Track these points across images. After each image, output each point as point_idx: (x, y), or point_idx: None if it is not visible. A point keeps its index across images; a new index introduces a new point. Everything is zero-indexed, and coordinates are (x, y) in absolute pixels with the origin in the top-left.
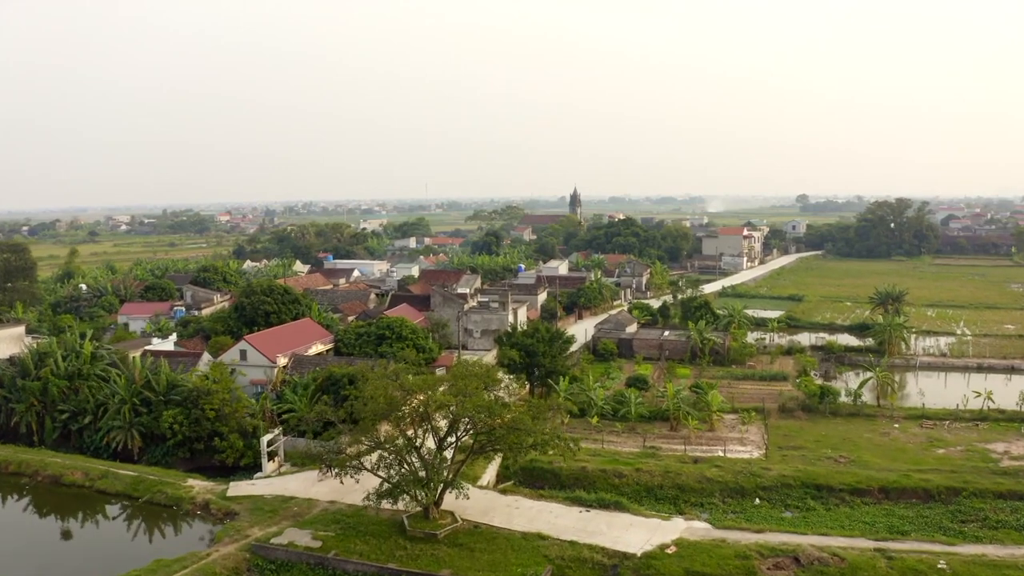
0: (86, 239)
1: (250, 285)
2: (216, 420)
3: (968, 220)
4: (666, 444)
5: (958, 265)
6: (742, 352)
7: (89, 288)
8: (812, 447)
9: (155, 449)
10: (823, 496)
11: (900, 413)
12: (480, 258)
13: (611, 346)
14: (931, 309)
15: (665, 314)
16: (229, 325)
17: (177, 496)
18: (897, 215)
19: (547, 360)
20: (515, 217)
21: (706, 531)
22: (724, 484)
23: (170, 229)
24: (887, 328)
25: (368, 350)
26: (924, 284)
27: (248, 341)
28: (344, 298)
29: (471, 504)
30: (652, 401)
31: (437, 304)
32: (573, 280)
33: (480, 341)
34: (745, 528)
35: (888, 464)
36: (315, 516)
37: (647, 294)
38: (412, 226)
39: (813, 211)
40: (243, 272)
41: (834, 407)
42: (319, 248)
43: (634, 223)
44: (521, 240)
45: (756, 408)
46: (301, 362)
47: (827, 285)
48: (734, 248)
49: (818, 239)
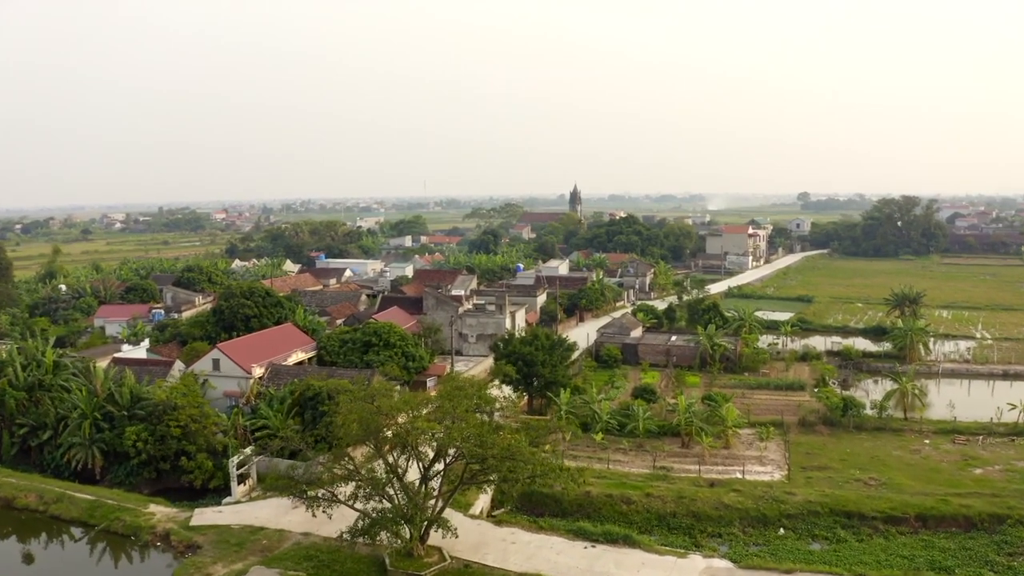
0: (79, 237)
1: (230, 287)
2: (182, 438)
3: (974, 218)
4: (678, 464)
5: (968, 265)
6: (755, 359)
7: (68, 289)
8: (838, 467)
9: (118, 468)
10: (854, 525)
11: (929, 427)
12: (477, 257)
13: (615, 352)
14: (946, 311)
15: (671, 317)
16: (207, 330)
17: (136, 524)
18: (905, 213)
19: (547, 370)
20: (514, 215)
21: (729, 572)
22: (744, 512)
23: (165, 227)
24: (908, 333)
25: (353, 358)
26: (935, 284)
27: (221, 350)
28: (333, 300)
29: (461, 538)
30: (661, 414)
31: (430, 307)
32: (574, 280)
33: (476, 346)
34: (772, 568)
35: (923, 487)
36: (286, 551)
37: (651, 295)
38: (408, 224)
39: (815, 209)
40: (231, 272)
41: (858, 421)
42: (312, 247)
43: (636, 221)
44: (520, 239)
45: (774, 422)
46: (279, 373)
47: (836, 285)
48: (739, 247)
49: (823, 238)
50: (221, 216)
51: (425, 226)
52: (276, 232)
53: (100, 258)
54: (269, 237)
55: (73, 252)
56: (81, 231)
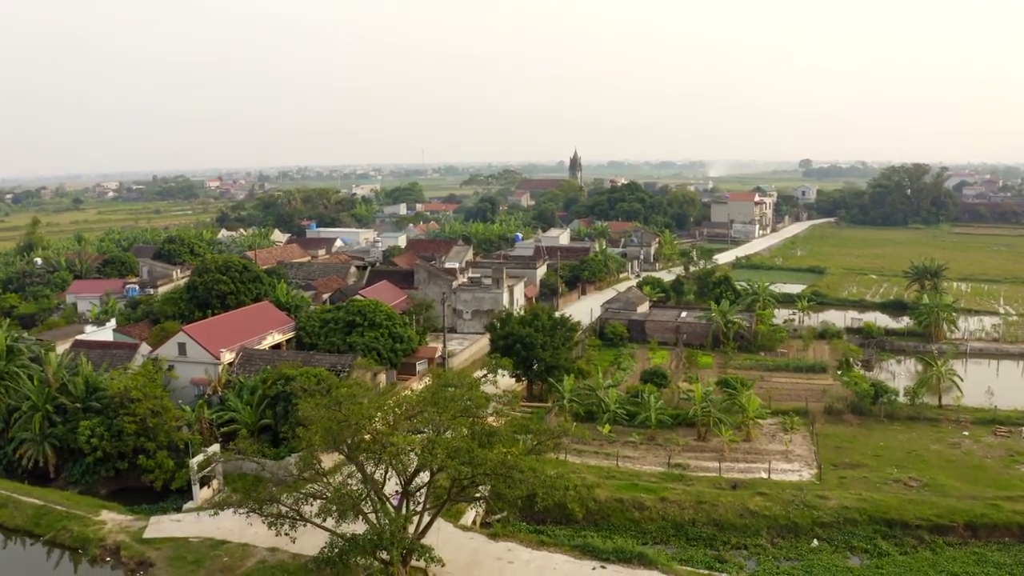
0: (70, 207)
1: (204, 261)
2: (141, 434)
3: (982, 187)
4: (695, 460)
5: (979, 234)
6: (771, 337)
7: (44, 262)
8: (872, 464)
9: (73, 467)
10: (896, 535)
11: (967, 416)
12: (474, 226)
13: (621, 329)
14: (964, 284)
15: (679, 290)
16: (180, 308)
17: (84, 536)
18: (914, 181)
19: (547, 354)
20: (512, 182)
21: None
22: (773, 519)
23: (158, 196)
24: (933, 310)
25: (335, 340)
26: (949, 255)
27: (187, 332)
28: (321, 272)
29: (451, 554)
30: (673, 400)
31: (422, 281)
32: (575, 251)
33: (471, 323)
34: None
35: (968, 488)
36: (248, 571)
37: (655, 266)
38: (404, 191)
39: (817, 176)
40: (217, 242)
41: (890, 409)
42: (305, 215)
43: (639, 188)
44: (519, 206)
45: (797, 410)
46: (251, 358)
47: (846, 255)
48: (745, 215)
49: (830, 206)
50: (215, 184)
51: (421, 193)
52: (268, 200)
53: (88, 228)
54: (261, 205)
55: (62, 222)
56: (72, 200)
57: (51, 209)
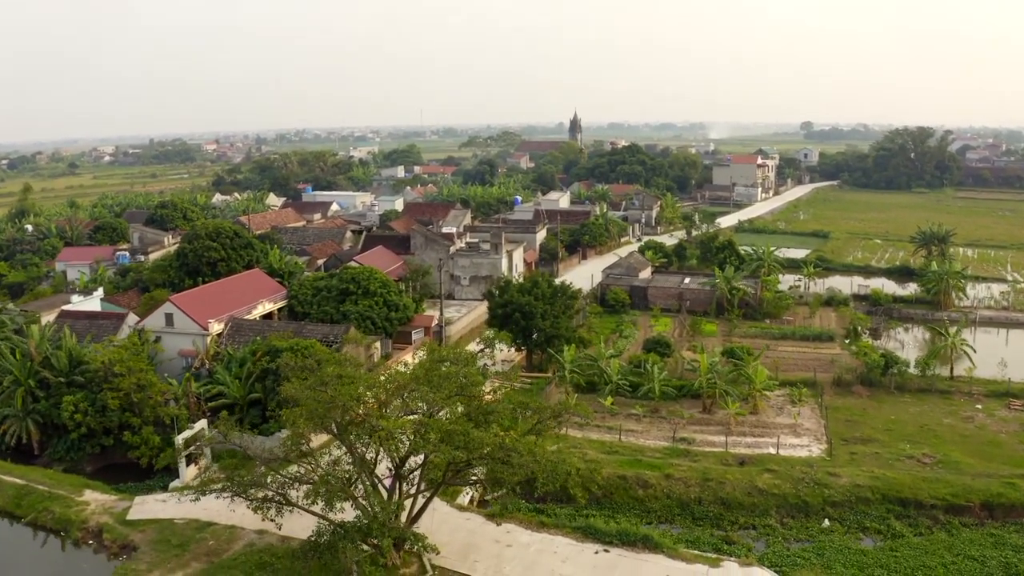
0: (65, 172)
1: (194, 227)
2: (126, 409)
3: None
4: (700, 434)
5: (984, 199)
6: (777, 304)
7: (35, 229)
8: (884, 439)
9: (58, 443)
10: (911, 515)
11: (979, 388)
12: (472, 189)
13: (622, 295)
14: (971, 249)
15: (681, 255)
16: (169, 275)
17: (66, 518)
18: (918, 144)
19: (547, 323)
20: (512, 144)
21: None
22: (782, 498)
23: (154, 160)
24: (943, 277)
25: (328, 309)
26: (954, 220)
27: (174, 302)
28: (316, 237)
29: (447, 537)
30: (677, 371)
31: (418, 246)
32: (575, 215)
33: (469, 289)
34: None
35: (983, 466)
36: (235, 555)
37: (657, 229)
38: (402, 153)
39: (818, 139)
40: (211, 207)
41: (900, 381)
42: (301, 178)
43: (639, 150)
44: (518, 168)
45: (805, 381)
46: (240, 328)
47: (850, 219)
48: (747, 178)
49: (832, 169)
50: (212, 147)
51: (419, 156)
52: (265, 163)
53: (83, 193)
54: (257, 168)
55: (57, 187)
56: (68, 165)
57: (46, 174)
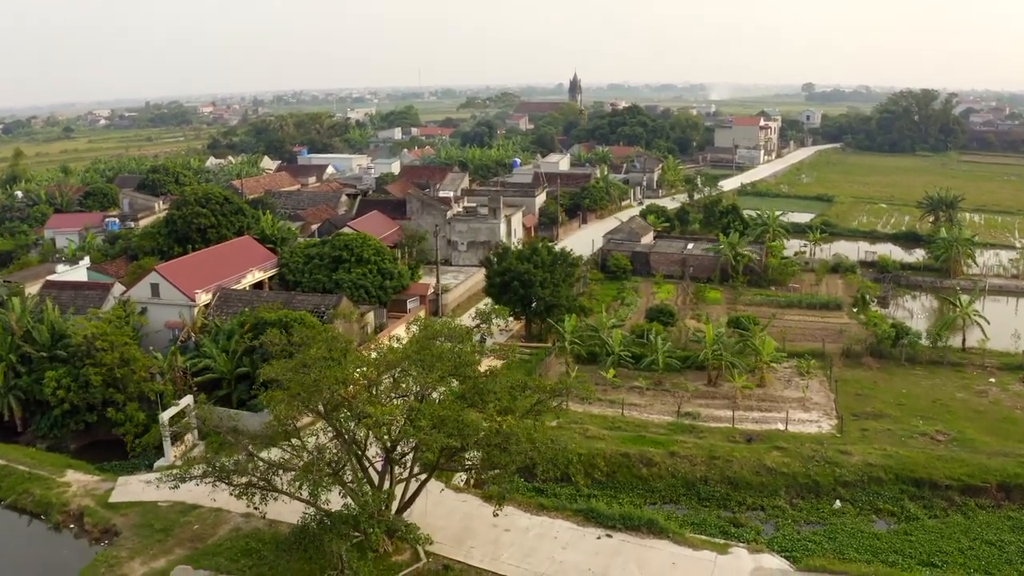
0: (60, 136)
1: (183, 193)
2: (109, 384)
3: (989, 114)
4: (706, 408)
5: (988, 163)
6: (782, 271)
7: (24, 195)
8: (896, 414)
9: (41, 420)
10: (925, 496)
11: (992, 361)
12: (471, 151)
13: (624, 261)
14: (977, 215)
15: (684, 219)
16: (158, 243)
17: (46, 500)
18: (922, 107)
19: (547, 292)
20: (510, 105)
21: None
22: (792, 477)
23: (150, 123)
24: (952, 244)
25: (320, 277)
26: (959, 184)
27: (160, 272)
28: (310, 202)
29: (442, 521)
30: (680, 340)
31: (414, 211)
32: (576, 178)
33: (466, 255)
34: (839, 572)
35: (999, 444)
36: (220, 541)
37: (659, 192)
38: (400, 115)
39: (819, 101)
40: (205, 171)
41: (911, 352)
42: (297, 141)
43: (640, 111)
44: (517, 130)
45: (813, 352)
46: (229, 299)
47: (853, 183)
48: (750, 140)
49: (835, 131)
50: (208, 110)
51: (417, 117)
52: (261, 125)
53: (78, 157)
54: (253, 131)
55: (52, 152)
56: (63, 129)
57: (41, 139)
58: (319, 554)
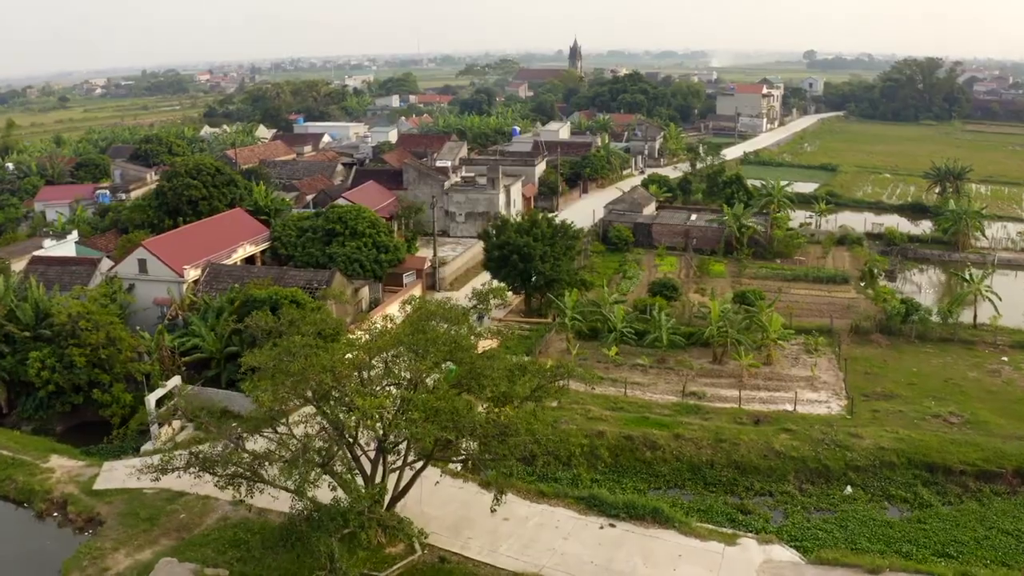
0: (56, 105)
1: (174, 165)
2: (95, 365)
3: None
4: (711, 388)
5: (993, 133)
6: (788, 243)
7: (15, 167)
8: (907, 395)
9: (26, 402)
10: (939, 482)
11: (1004, 339)
12: (469, 119)
13: (626, 233)
14: (983, 186)
15: (686, 189)
16: (149, 216)
17: (29, 487)
18: (927, 76)
19: (547, 266)
20: (510, 72)
21: (795, 570)
22: (801, 461)
23: (147, 91)
24: (961, 216)
25: (313, 251)
26: (964, 154)
27: (147, 248)
28: (305, 171)
29: (438, 508)
30: (684, 315)
31: (411, 181)
32: (576, 146)
33: (464, 226)
34: (853, 565)
35: (1013, 426)
36: (208, 531)
37: (660, 161)
38: (398, 82)
39: (821, 68)
40: (199, 140)
41: (921, 329)
42: (294, 109)
43: (641, 78)
44: (516, 97)
45: (821, 328)
46: (218, 274)
47: (857, 152)
48: (752, 107)
49: (838, 99)
50: (205, 78)
51: (415, 84)
52: (257, 93)
53: (73, 127)
54: (250, 99)
55: (47, 122)
56: (59, 99)
57: (37, 109)
58: (306, 553)
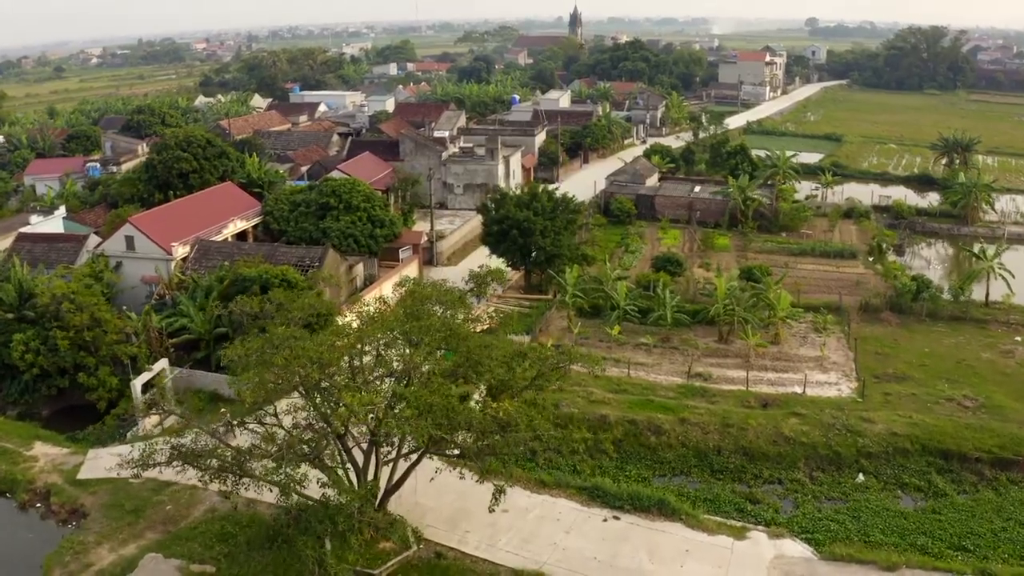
0: (52, 76)
1: (163, 137)
2: (81, 347)
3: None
4: (717, 369)
5: (998, 103)
6: (794, 216)
7: (6, 140)
8: (920, 377)
9: (11, 385)
10: (954, 470)
11: (1017, 318)
12: (468, 87)
13: (628, 205)
14: (990, 157)
15: (689, 160)
16: (138, 189)
17: (11, 477)
18: (931, 45)
19: (548, 241)
20: (509, 39)
21: (808, 565)
22: (811, 447)
23: (142, 61)
24: (971, 189)
25: (306, 226)
26: (970, 125)
27: (134, 224)
28: (300, 142)
29: (432, 504)
30: (688, 291)
31: (408, 152)
32: (577, 115)
33: (463, 198)
34: (867, 561)
35: None
36: (195, 523)
37: (662, 130)
38: (396, 50)
39: (823, 36)
40: (193, 110)
41: (932, 307)
42: (290, 77)
43: (643, 46)
44: (515, 65)
45: (829, 305)
46: (208, 251)
47: (862, 121)
48: (755, 76)
49: (841, 67)
50: (202, 46)
51: (413, 52)
52: (253, 62)
53: (68, 98)
54: (246, 68)
55: (42, 93)
56: (54, 69)
57: (32, 79)
58: (292, 556)
